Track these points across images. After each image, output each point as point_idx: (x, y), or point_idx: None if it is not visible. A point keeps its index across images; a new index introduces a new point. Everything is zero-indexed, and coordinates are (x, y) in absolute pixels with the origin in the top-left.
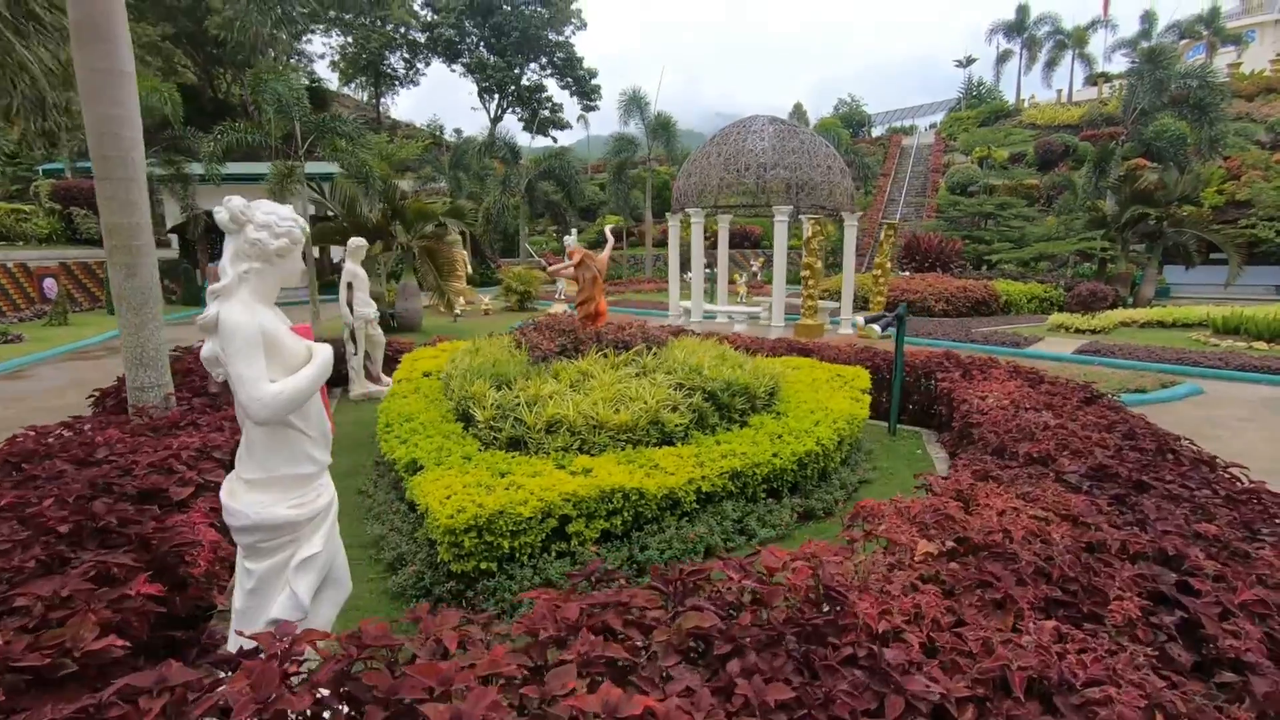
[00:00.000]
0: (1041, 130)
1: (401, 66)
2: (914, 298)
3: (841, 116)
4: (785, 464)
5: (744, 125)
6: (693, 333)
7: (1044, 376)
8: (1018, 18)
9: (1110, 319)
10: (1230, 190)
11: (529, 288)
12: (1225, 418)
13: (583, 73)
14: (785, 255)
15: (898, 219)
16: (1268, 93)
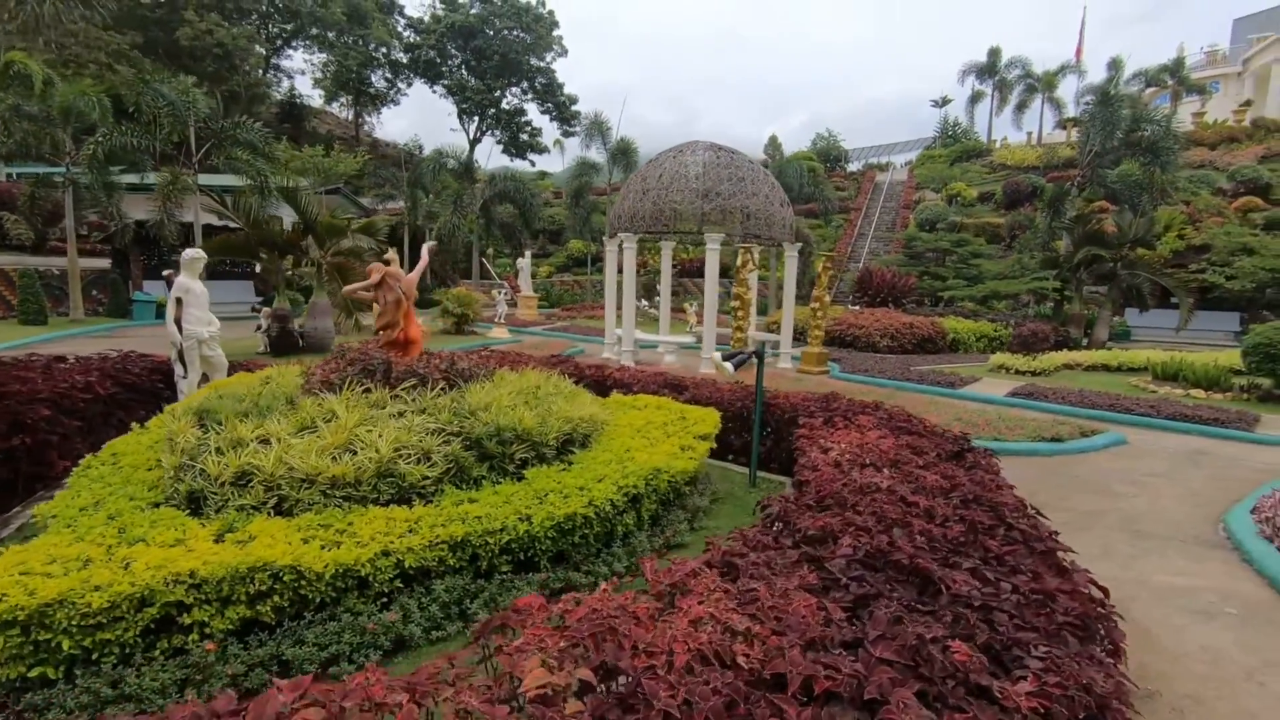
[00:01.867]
0: (1011, 171)
1: (383, 85)
2: (859, 333)
3: (819, 150)
4: (539, 530)
5: (680, 150)
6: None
7: (920, 425)
8: (989, 60)
9: (1052, 361)
10: (1190, 235)
11: (467, 310)
12: (1140, 471)
13: (563, 98)
14: (716, 285)
15: (864, 252)
16: (1229, 142)
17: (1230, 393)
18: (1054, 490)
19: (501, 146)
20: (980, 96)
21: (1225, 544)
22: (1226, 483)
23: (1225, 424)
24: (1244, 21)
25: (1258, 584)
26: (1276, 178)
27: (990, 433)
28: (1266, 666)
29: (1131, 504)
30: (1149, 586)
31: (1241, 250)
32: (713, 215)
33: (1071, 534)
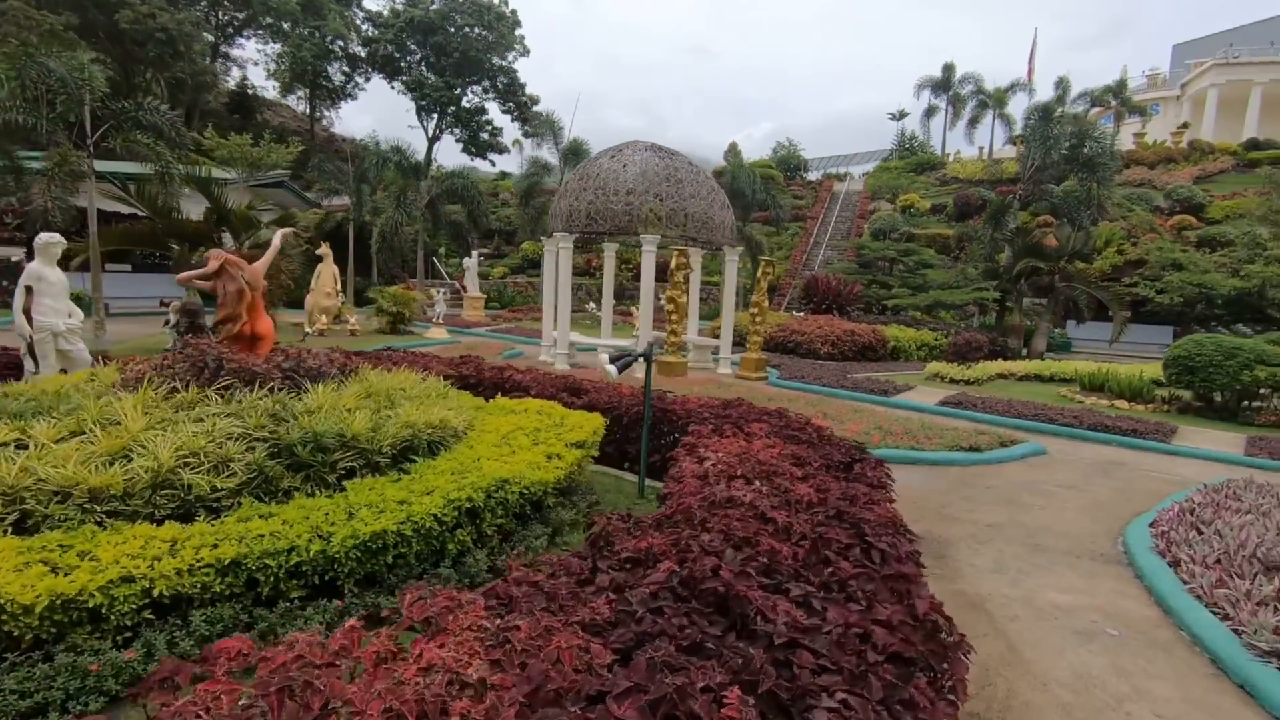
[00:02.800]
0: (963, 184)
1: (341, 79)
2: (802, 339)
3: (779, 159)
4: (339, 550)
5: (619, 150)
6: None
7: (815, 433)
8: (944, 75)
9: (986, 370)
10: (1128, 251)
11: (404, 309)
12: (1052, 482)
13: (524, 98)
14: (652, 287)
15: (819, 260)
16: (1167, 162)
17: (1153, 404)
18: (962, 502)
19: (461, 145)
20: (934, 111)
21: (1121, 559)
22: (1134, 495)
23: (1143, 435)
24: (1183, 47)
25: (1144, 601)
26: (1209, 197)
27: (909, 442)
28: (1136, 694)
29: (1036, 516)
30: (1034, 605)
31: (1172, 266)
32: (649, 217)
33: (970, 547)
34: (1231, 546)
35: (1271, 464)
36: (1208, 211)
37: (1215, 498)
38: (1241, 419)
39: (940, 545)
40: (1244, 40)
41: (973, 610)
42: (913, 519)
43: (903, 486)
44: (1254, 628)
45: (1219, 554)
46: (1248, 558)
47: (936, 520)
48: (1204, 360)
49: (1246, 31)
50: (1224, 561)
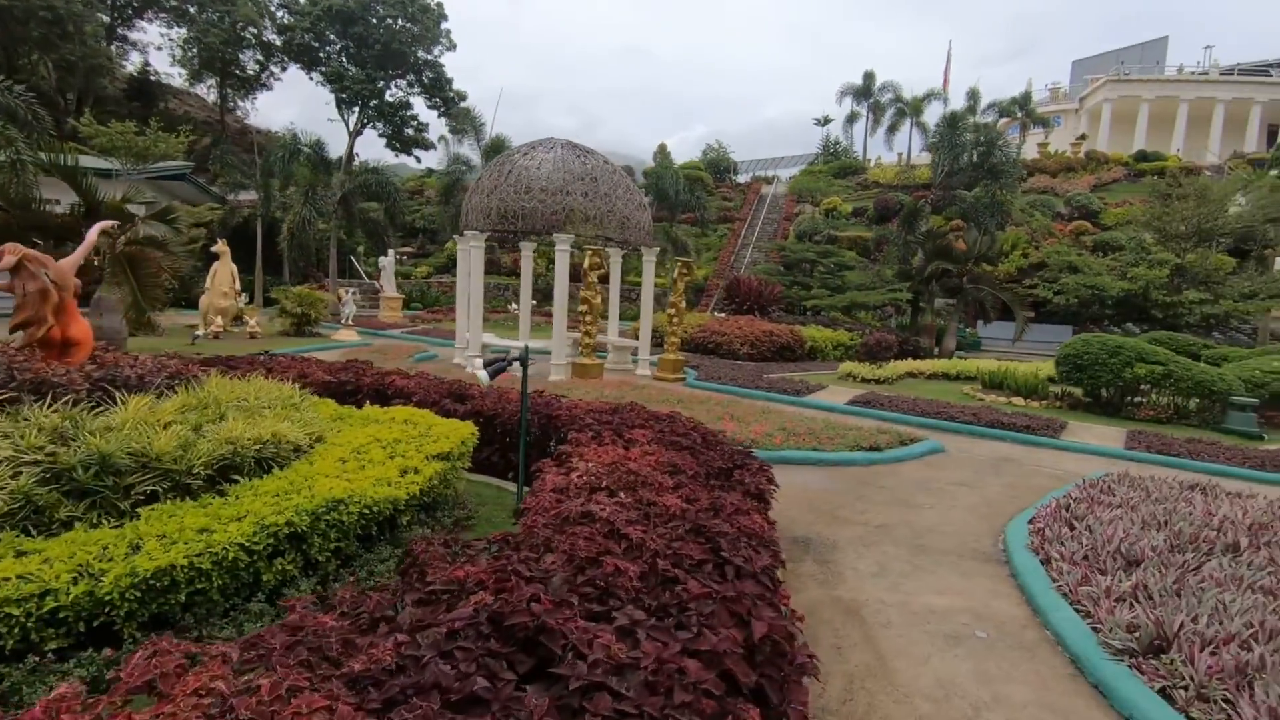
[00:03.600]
0: (883, 189)
1: (255, 68)
2: (722, 340)
3: (708, 161)
4: (111, 591)
5: (533, 147)
6: None
7: (701, 438)
8: (864, 83)
9: (896, 369)
10: (1032, 255)
11: (310, 309)
12: (945, 480)
13: (451, 94)
14: (566, 287)
15: (746, 261)
16: (1068, 171)
17: (1047, 400)
18: (856, 503)
19: (385, 141)
20: (856, 117)
21: (1000, 557)
22: (1022, 491)
23: (1035, 431)
24: (1081, 63)
25: (1016, 600)
26: (1104, 204)
27: (811, 443)
28: (994, 702)
29: (925, 516)
30: (909, 609)
31: (1068, 269)
32: (563, 215)
33: (857, 551)
34: (1099, 541)
35: (1147, 456)
36: (1102, 218)
37: (1091, 493)
38: (1125, 414)
39: (827, 549)
40: (1134, 59)
41: (848, 618)
42: (805, 522)
43: (800, 488)
44: (1110, 625)
45: (1086, 550)
46: (1111, 553)
47: (829, 523)
48: (1091, 358)
49: (1136, 51)
50: (1090, 558)
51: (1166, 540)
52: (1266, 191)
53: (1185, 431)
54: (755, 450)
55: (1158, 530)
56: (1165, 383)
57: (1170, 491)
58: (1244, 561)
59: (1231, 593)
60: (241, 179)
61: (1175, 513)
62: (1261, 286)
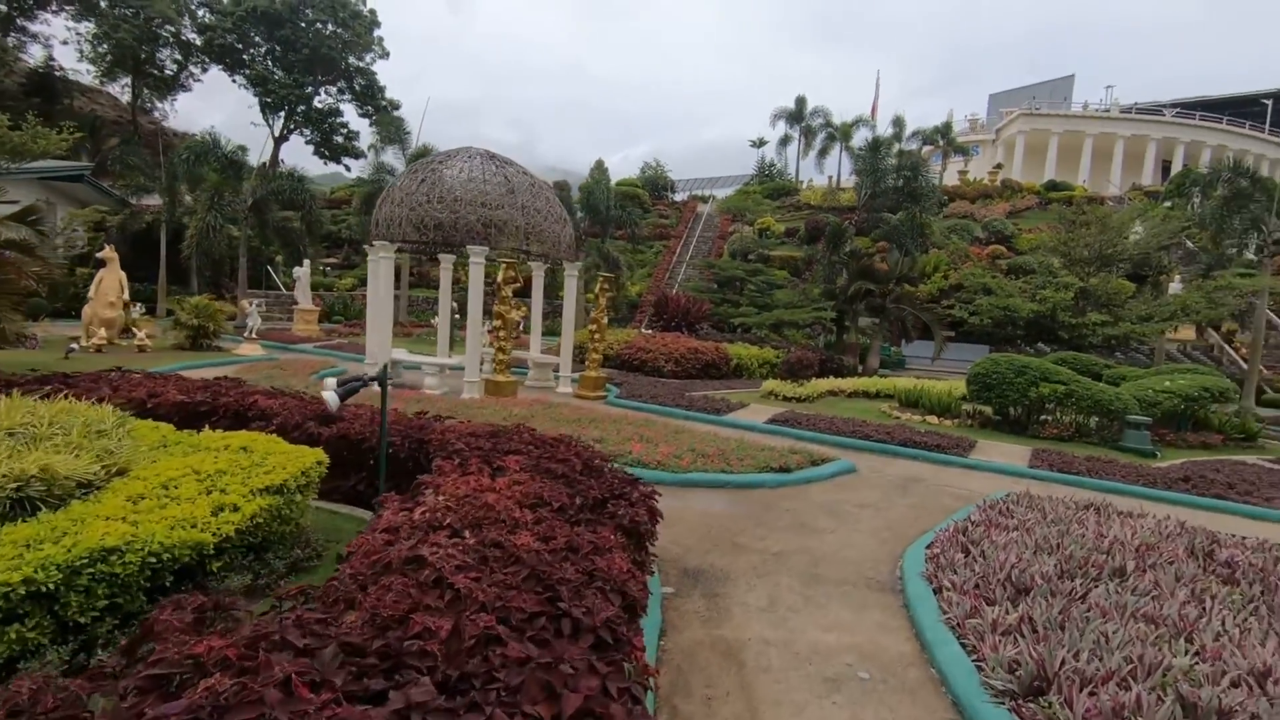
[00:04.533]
0: (814, 210)
1: (173, 68)
2: (647, 357)
3: (646, 179)
4: None
5: (449, 156)
6: None
7: (581, 463)
8: (797, 108)
9: (817, 388)
10: (952, 275)
11: (208, 322)
12: (852, 502)
13: (384, 102)
14: (480, 300)
15: (680, 277)
16: (986, 198)
17: (959, 419)
18: (758, 528)
19: (313, 148)
20: (789, 140)
21: (895, 585)
22: (926, 513)
23: (945, 449)
24: (997, 97)
25: (906, 635)
26: (1018, 230)
27: (719, 464)
28: None
29: (826, 542)
30: (792, 649)
31: (983, 290)
32: (477, 226)
33: (749, 582)
34: (992, 567)
35: (1050, 475)
36: (1017, 242)
37: (990, 515)
38: (1031, 432)
39: (719, 581)
40: (1044, 95)
41: (726, 662)
42: (701, 551)
43: (702, 514)
44: (993, 664)
45: (978, 577)
46: (1002, 581)
47: (726, 551)
48: (998, 378)
49: (1047, 87)
50: (981, 586)
51: (1057, 565)
52: (1159, 221)
53: (1086, 449)
54: (661, 472)
55: (1049, 555)
56: (1068, 401)
57: (1066, 512)
58: (1129, 587)
59: (1115, 622)
60: (145, 182)
61: (1069, 535)
62: (1156, 310)
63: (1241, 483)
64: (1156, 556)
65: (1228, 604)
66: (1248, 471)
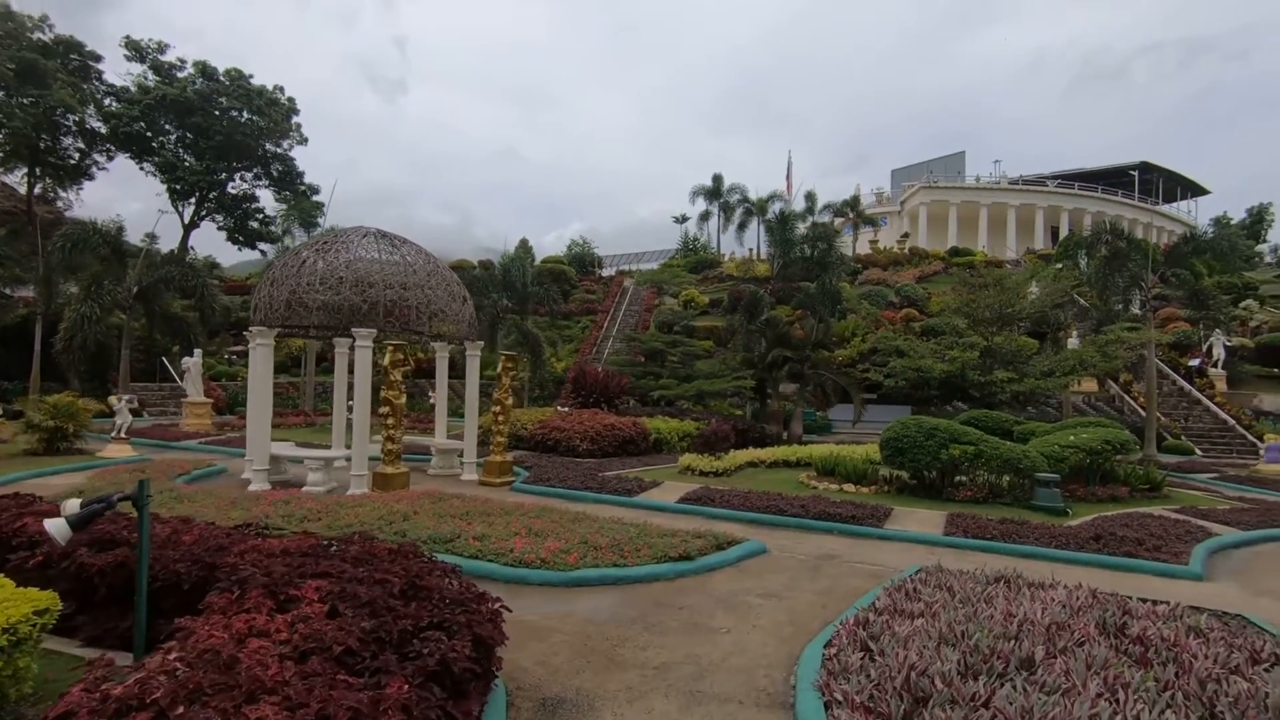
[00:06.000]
0: (736, 281)
1: (76, 156)
2: (561, 436)
3: (574, 256)
4: None
5: (336, 236)
6: None
7: (413, 583)
8: (714, 185)
9: (735, 460)
10: (869, 339)
11: (66, 422)
12: (756, 591)
13: (303, 187)
14: (369, 387)
15: (607, 352)
16: (896, 265)
17: (876, 485)
18: (643, 634)
19: (226, 234)
20: (709, 216)
21: (788, 698)
22: (835, 599)
23: (860, 520)
24: (899, 172)
25: None
26: (928, 294)
27: (612, 557)
28: None
29: (718, 645)
30: None
31: (895, 352)
32: (365, 308)
33: (618, 709)
34: (891, 669)
35: (965, 541)
36: (928, 306)
37: (895, 599)
38: (946, 495)
39: (582, 711)
40: (940, 169)
41: None
42: (569, 671)
43: (582, 621)
44: None
45: (873, 685)
46: (899, 688)
47: (600, 669)
48: (909, 441)
49: (941, 162)
50: (875, 697)
51: (961, 660)
52: (1051, 281)
53: (1000, 511)
54: (545, 572)
55: (953, 647)
56: (978, 462)
57: (975, 588)
58: (1038, 682)
59: None
60: (20, 273)
61: (976, 618)
62: (1057, 364)
63: (1149, 538)
64: (1068, 638)
65: (1142, 693)
66: (1153, 524)
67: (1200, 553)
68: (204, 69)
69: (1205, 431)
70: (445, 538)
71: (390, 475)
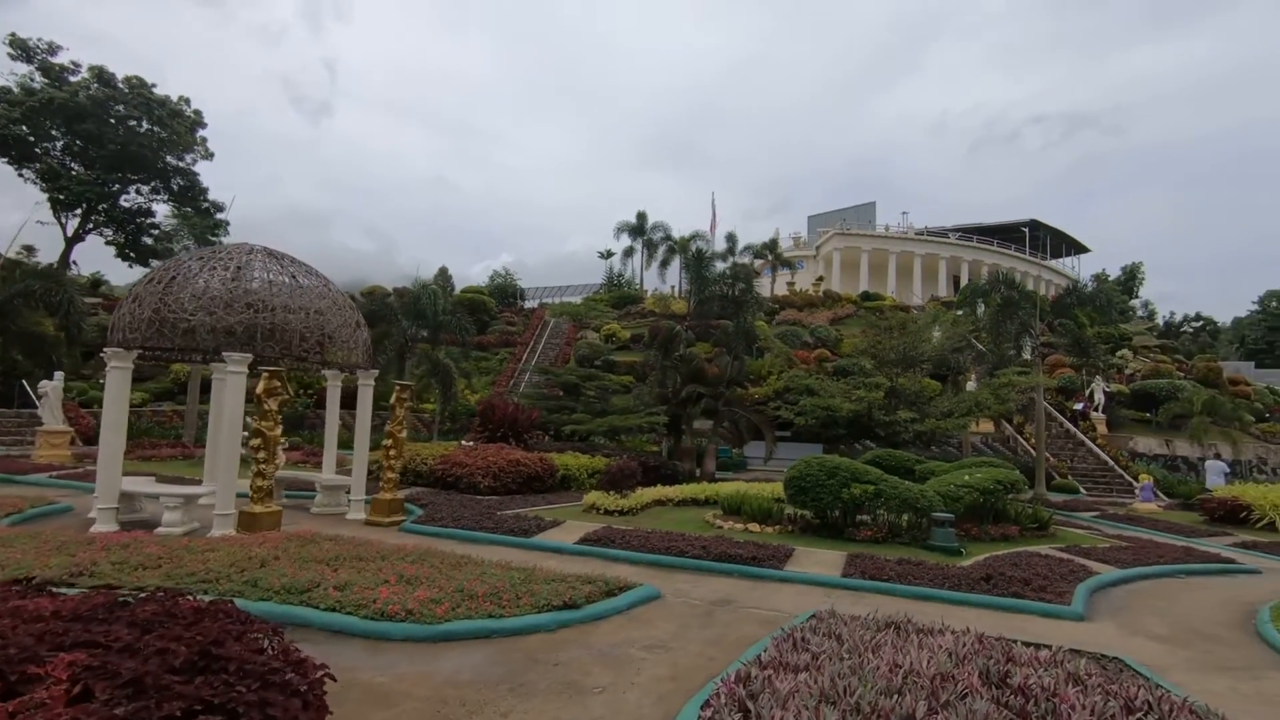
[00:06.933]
0: (658, 317)
1: None
2: (462, 472)
3: (496, 287)
4: None
5: (214, 252)
6: None
7: (197, 654)
8: (638, 222)
9: (642, 498)
10: (784, 378)
11: None
12: (641, 643)
13: (206, 204)
14: (240, 418)
15: (524, 384)
16: (811, 306)
17: (780, 525)
18: (507, 698)
19: (116, 249)
20: (632, 252)
21: None
22: (724, 648)
23: (761, 562)
24: (815, 218)
25: None
26: (841, 335)
27: (489, 606)
28: None
29: (587, 709)
30: None
31: (806, 391)
32: (240, 331)
33: None
34: None
35: (862, 583)
36: (840, 347)
37: (782, 650)
38: (848, 535)
39: None
40: (853, 217)
41: None
42: None
43: (440, 684)
44: None
45: None
46: None
47: None
48: (812, 480)
49: (854, 211)
50: None
51: None
52: (950, 326)
53: (898, 551)
54: (410, 625)
55: (834, 706)
56: (878, 501)
57: (864, 636)
58: None
59: None
60: None
61: (862, 670)
62: (956, 405)
63: (1036, 578)
64: (951, 690)
65: None
66: (1040, 564)
67: (1082, 592)
68: (100, 74)
69: (1089, 471)
70: (302, 587)
71: (258, 515)
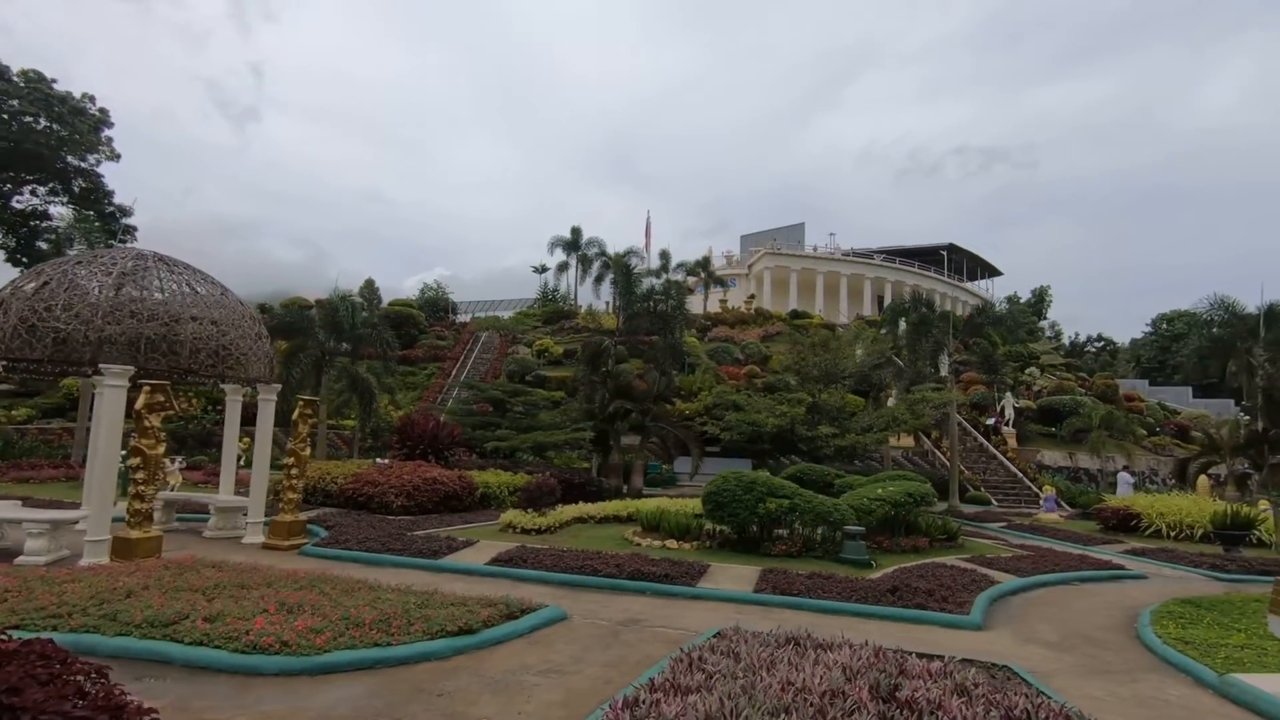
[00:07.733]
0: (592, 333)
1: None
2: (374, 491)
3: (426, 300)
4: None
5: (95, 257)
6: None
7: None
8: (572, 237)
9: (562, 516)
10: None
11: None
12: (537, 668)
13: (111, 208)
14: (118, 435)
15: (453, 399)
16: (743, 324)
17: (699, 541)
18: None
19: (6, 254)
20: (566, 267)
21: None
22: (621, 671)
23: (675, 579)
24: (747, 237)
25: None
26: (771, 352)
27: (376, 635)
28: None
29: None
30: None
31: (732, 406)
32: (122, 341)
33: None
34: None
35: (773, 598)
36: (770, 363)
37: (677, 671)
38: (764, 550)
39: None
40: (783, 237)
41: None
42: None
43: (315, 719)
44: None
45: None
46: None
47: None
48: (729, 495)
49: (785, 231)
50: None
51: None
52: (872, 343)
53: (811, 565)
54: (285, 658)
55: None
56: (793, 515)
57: (763, 654)
58: None
59: None
60: None
61: (753, 689)
62: (875, 421)
63: (940, 589)
64: (839, 707)
65: None
66: (945, 575)
67: (981, 602)
68: None
69: (1000, 483)
70: (167, 620)
71: (134, 541)
